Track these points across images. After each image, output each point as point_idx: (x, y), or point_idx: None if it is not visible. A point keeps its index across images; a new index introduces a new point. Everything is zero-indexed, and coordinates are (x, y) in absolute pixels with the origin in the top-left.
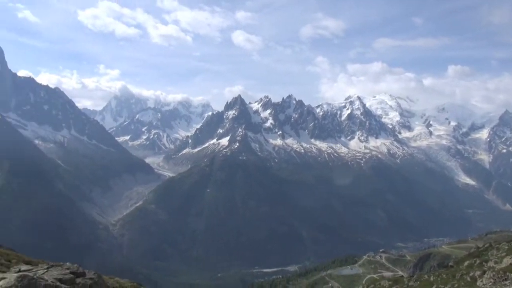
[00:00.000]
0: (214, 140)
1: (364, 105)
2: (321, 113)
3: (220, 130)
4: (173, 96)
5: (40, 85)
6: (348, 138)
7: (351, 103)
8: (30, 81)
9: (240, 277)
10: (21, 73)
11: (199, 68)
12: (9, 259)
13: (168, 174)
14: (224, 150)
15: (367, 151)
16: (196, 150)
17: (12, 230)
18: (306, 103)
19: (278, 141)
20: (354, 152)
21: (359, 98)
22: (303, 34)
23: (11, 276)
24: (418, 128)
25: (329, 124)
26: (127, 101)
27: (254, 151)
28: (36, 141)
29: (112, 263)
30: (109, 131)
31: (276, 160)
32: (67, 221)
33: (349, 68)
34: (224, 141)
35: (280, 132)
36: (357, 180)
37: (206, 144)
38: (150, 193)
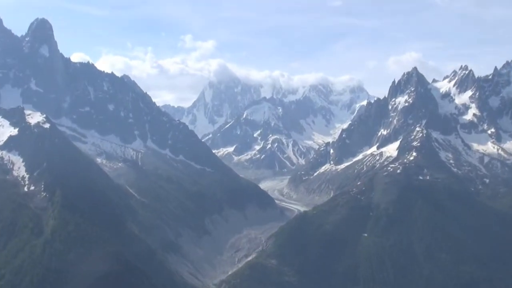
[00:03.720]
0: (373, 149)
1: None
2: None
3: (383, 131)
4: (301, 77)
5: (102, 73)
6: None
7: None
8: (88, 69)
9: None
10: (76, 57)
11: (341, 27)
12: None
13: (297, 207)
14: (391, 165)
15: None
16: (342, 166)
17: None
18: None
19: (490, 146)
20: None
21: None
22: None
23: None
24: None
25: None
26: (229, 90)
27: (445, 164)
28: (99, 160)
29: None
30: (203, 140)
31: (487, 181)
32: (146, 285)
33: None
34: (390, 149)
35: (493, 129)
36: None
37: (359, 156)
38: (270, 239)
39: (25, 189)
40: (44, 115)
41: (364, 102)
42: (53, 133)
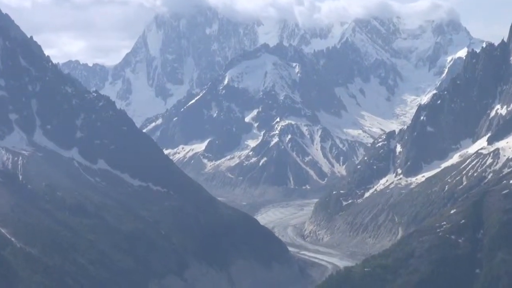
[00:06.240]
0: (481, 143)
1: None
2: None
3: (499, 108)
4: (335, 4)
5: None
6: None
7: None
8: None
9: None
10: None
11: None
12: None
13: (332, 260)
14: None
15: None
16: (420, 177)
17: None
18: None
19: None
20: None
21: None
22: None
23: None
24: None
25: None
26: (194, 30)
27: None
28: None
29: None
30: (145, 130)
31: None
32: None
33: None
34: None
35: None
36: None
37: (453, 158)
38: None
39: None
40: None
41: (463, 52)
42: None
